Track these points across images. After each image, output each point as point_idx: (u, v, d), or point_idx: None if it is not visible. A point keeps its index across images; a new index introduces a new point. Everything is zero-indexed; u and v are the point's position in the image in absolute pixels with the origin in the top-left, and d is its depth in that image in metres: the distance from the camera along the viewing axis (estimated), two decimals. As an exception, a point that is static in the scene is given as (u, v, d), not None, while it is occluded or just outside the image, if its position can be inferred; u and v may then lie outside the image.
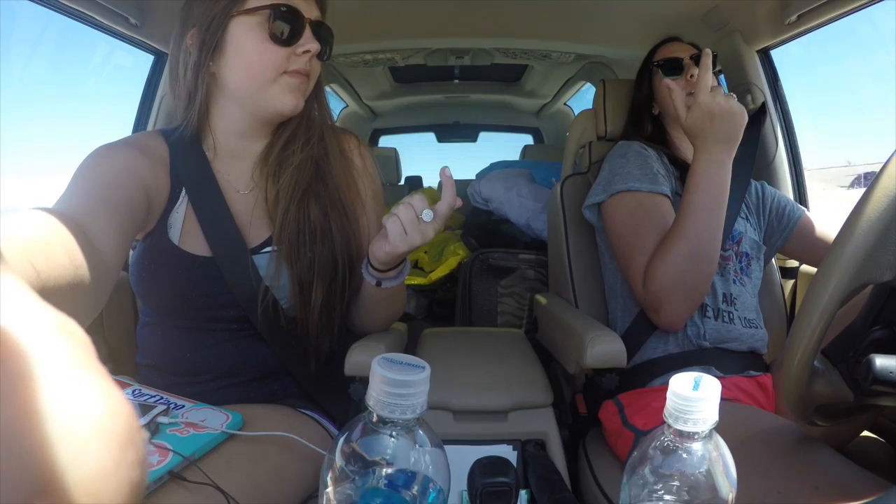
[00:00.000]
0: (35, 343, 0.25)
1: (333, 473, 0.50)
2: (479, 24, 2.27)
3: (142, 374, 1.11)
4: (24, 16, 1.45)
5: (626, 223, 1.31)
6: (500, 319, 2.53)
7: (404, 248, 0.95)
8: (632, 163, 1.36)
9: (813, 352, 0.67)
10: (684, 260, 1.16)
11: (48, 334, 0.26)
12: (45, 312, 0.27)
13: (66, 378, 0.25)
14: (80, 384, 0.26)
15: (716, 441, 0.53)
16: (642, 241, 1.26)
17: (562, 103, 4.04)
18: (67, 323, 0.28)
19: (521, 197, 2.74)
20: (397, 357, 0.52)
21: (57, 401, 0.24)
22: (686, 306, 1.22)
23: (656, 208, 1.30)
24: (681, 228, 1.18)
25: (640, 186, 1.31)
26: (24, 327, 0.25)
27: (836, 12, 1.43)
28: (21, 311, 0.25)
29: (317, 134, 1.13)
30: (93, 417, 0.25)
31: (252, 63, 1.01)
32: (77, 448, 0.24)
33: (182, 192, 1.06)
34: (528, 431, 1.18)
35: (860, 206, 0.63)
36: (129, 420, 0.27)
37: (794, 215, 1.48)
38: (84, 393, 0.26)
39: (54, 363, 0.25)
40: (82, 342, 0.28)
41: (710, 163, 1.18)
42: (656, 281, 1.19)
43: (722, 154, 1.18)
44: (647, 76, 1.54)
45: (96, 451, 0.25)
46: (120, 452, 0.26)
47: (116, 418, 0.26)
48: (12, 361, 0.24)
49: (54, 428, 0.24)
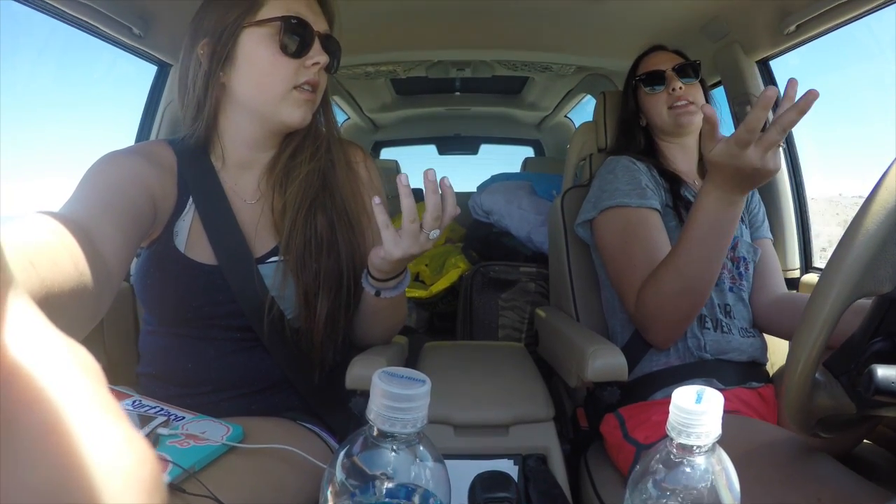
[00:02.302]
0: (58, 385, 0.25)
1: (334, 487, 0.50)
2: (480, 37, 2.29)
3: (143, 383, 1.11)
4: (28, 25, 1.46)
5: (616, 242, 1.31)
6: (500, 333, 2.52)
7: (398, 254, 0.94)
8: (620, 178, 1.36)
9: (814, 364, 0.67)
10: (675, 293, 1.15)
11: (68, 373, 0.26)
12: (58, 343, 0.27)
13: (95, 428, 0.25)
14: (108, 433, 0.26)
15: (719, 454, 0.53)
16: (632, 261, 1.26)
17: (562, 115, 4.06)
18: (78, 351, 0.28)
19: (521, 209, 2.75)
20: (398, 371, 0.52)
21: (92, 453, 0.24)
22: (674, 332, 1.23)
23: (644, 224, 1.29)
24: (675, 263, 1.13)
25: (628, 202, 1.31)
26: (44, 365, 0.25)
27: (834, 22, 1.43)
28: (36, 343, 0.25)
29: (324, 145, 1.13)
30: (124, 467, 0.26)
31: (263, 74, 1.02)
32: (114, 498, 0.25)
33: (189, 200, 1.07)
34: (530, 446, 1.18)
35: (858, 218, 0.63)
36: (154, 466, 0.28)
37: (760, 233, 1.48)
38: (114, 442, 0.26)
39: (81, 410, 0.25)
40: (96, 374, 0.28)
41: (719, 200, 1.06)
42: (646, 306, 1.20)
43: (735, 195, 1.05)
44: (631, 89, 1.54)
45: (130, 498, 0.26)
46: (148, 497, 0.27)
47: (143, 465, 0.27)
48: (40, 409, 0.24)
49: (94, 482, 0.24)
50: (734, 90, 1.79)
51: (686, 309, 1.17)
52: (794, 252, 1.77)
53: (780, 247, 1.73)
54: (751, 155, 0.95)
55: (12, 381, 0.23)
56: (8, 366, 0.23)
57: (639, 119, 1.53)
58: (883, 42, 1.66)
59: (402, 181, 0.89)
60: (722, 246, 1.11)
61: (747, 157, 0.95)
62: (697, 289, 1.14)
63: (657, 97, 1.45)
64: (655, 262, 1.19)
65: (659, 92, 1.44)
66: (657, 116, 1.45)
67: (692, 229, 1.10)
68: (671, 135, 1.46)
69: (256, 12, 1.01)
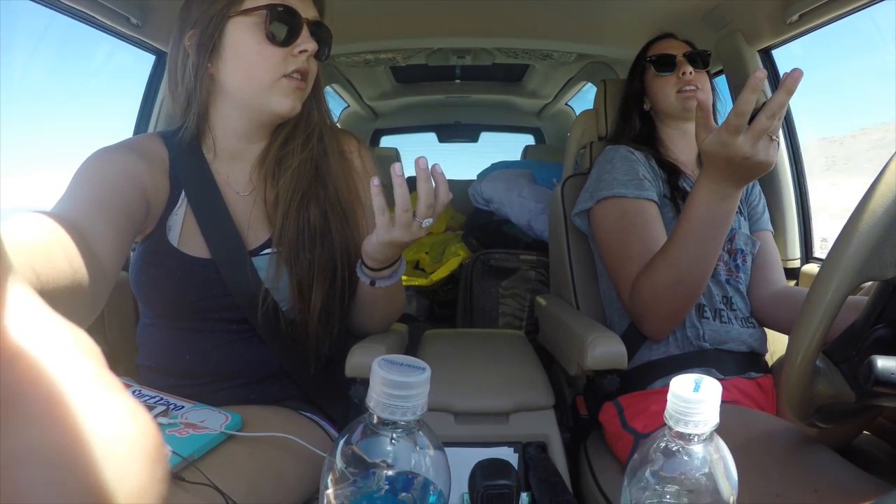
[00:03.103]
0: (60, 363, 0.25)
1: (334, 475, 0.50)
2: (481, 24, 2.27)
3: (142, 374, 1.11)
4: (25, 15, 1.45)
5: (612, 232, 1.32)
6: (501, 321, 2.53)
7: (387, 238, 0.93)
8: (617, 168, 1.35)
9: (815, 352, 0.67)
10: (669, 286, 1.15)
11: (69, 352, 0.26)
12: (59, 326, 0.27)
13: (97, 400, 0.26)
14: (112, 405, 0.27)
15: (717, 443, 0.53)
16: (627, 251, 1.26)
17: (563, 103, 4.04)
18: (79, 335, 0.28)
19: (522, 197, 2.74)
20: (398, 359, 0.52)
21: (95, 423, 0.25)
22: (667, 324, 1.23)
23: (640, 215, 1.29)
24: (669, 255, 1.13)
25: (624, 192, 1.31)
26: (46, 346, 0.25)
27: (837, 12, 1.43)
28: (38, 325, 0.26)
29: (316, 134, 1.12)
30: (127, 437, 0.27)
31: (249, 64, 1.01)
32: (119, 467, 0.25)
33: (181, 194, 1.06)
34: (530, 434, 1.18)
35: (864, 202, 0.63)
36: (156, 437, 0.29)
37: (760, 225, 1.48)
38: (116, 413, 0.27)
39: (83, 385, 0.26)
40: (97, 356, 0.28)
41: (713, 193, 1.04)
42: (640, 298, 1.20)
43: (728, 188, 1.03)
44: (639, 71, 1.54)
45: (134, 468, 0.26)
46: (152, 468, 0.27)
47: (147, 436, 0.28)
48: (44, 385, 0.24)
49: (98, 450, 0.25)
50: (736, 79, 1.79)
51: (680, 301, 1.17)
52: (794, 242, 1.77)
53: (780, 236, 1.73)
54: (741, 143, 0.93)
55: (16, 361, 0.24)
56: (11, 346, 0.24)
57: (642, 102, 1.53)
58: (885, 32, 1.65)
59: (396, 171, 0.88)
60: (716, 240, 1.10)
61: (738, 145, 0.93)
62: (691, 282, 1.13)
63: (666, 80, 1.45)
64: (651, 254, 1.18)
65: (668, 75, 1.44)
66: (664, 100, 1.45)
67: (686, 222, 1.09)
68: (676, 118, 1.46)
69: (242, 1, 0.99)
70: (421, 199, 0.91)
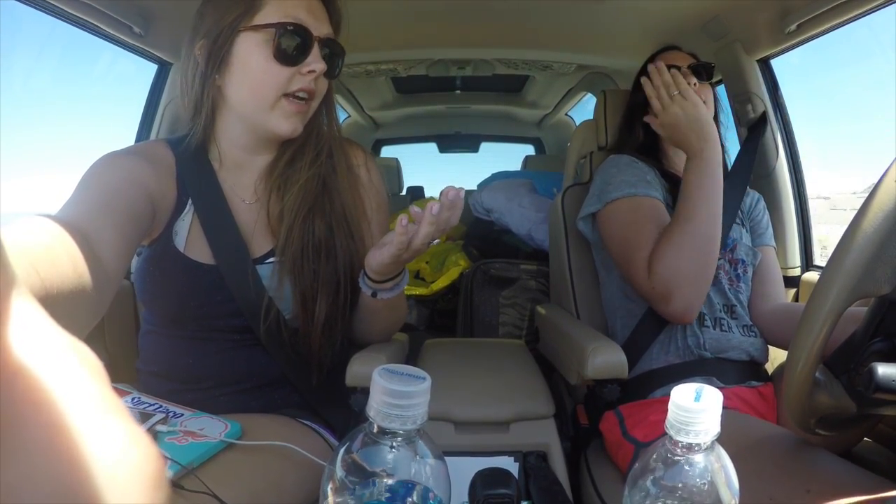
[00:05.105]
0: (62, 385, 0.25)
1: (333, 484, 0.50)
2: (481, 35, 2.28)
3: (142, 379, 1.11)
4: (29, 23, 1.46)
5: (626, 222, 1.31)
6: (501, 330, 2.52)
7: (392, 257, 0.94)
8: (625, 171, 1.36)
9: (814, 363, 0.67)
10: (685, 246, 1.18)
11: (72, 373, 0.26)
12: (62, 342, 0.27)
13: (100, 425, 0.26)
14: (114, 430, 0.26)
15: (718, 452, 0.53)
16: (643, 237, 1.26)
17: (563, 114, 4.05)
18: (82, 350, 0.28)
19: (522, 207, 2.74)
20: (398, 368, 0.52)
21: (97, 449, 0.25)
22: (696, 291, 1.21)
23: (654, 208, 1.31)
24: (678, 221, 1.22)
25: (635, 192, 1.32)
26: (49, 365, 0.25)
27: (835, 21, 1.43)
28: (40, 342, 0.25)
29: (325, 150, 1.11)
30: (129, 463, 0.26)
31: (254, 81, 1.01)
32: (121, 494, 0.25)
33: (188, 200, 1.07)
34: (530, 443, 1.18)
35: (857, 220, 0.64)
36: (158, 462, 0.28)
37: (763, 240, 1.48)
38: (118, 439, 0.26)
39: (85, 409, 0.25)
40: (99, 373, 0.28)
41: (693, 170, 1.25)
42: (664, 266, 1.19)
43: (697, 159, 1.26)
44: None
45: (136, 494, 0.26)
46: (153, 493, 0.27)
47: (148, 461, 0.27)
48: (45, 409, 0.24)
49: (99, 478, 0.24)
50: (735, 88, 1.79)
51: (700, 261, 1.19)
52: (794, 250, 1.77)
53: (780, 245, 1.73)
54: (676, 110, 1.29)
55: (17, 380, 0.23)
56: (13, 364, 0.23)
57: (645, 113, 1.53)
58: (884, 41, 1.66)
59: (433, 210, 0.87)
60: (715, 202, 1.24)
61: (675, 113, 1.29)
62: (706, 234, 1.21)
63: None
64: None
65: None
66: None
67: (686, 190, 1.25)
68: None
69: (254, 16, 0.99)
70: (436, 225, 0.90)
